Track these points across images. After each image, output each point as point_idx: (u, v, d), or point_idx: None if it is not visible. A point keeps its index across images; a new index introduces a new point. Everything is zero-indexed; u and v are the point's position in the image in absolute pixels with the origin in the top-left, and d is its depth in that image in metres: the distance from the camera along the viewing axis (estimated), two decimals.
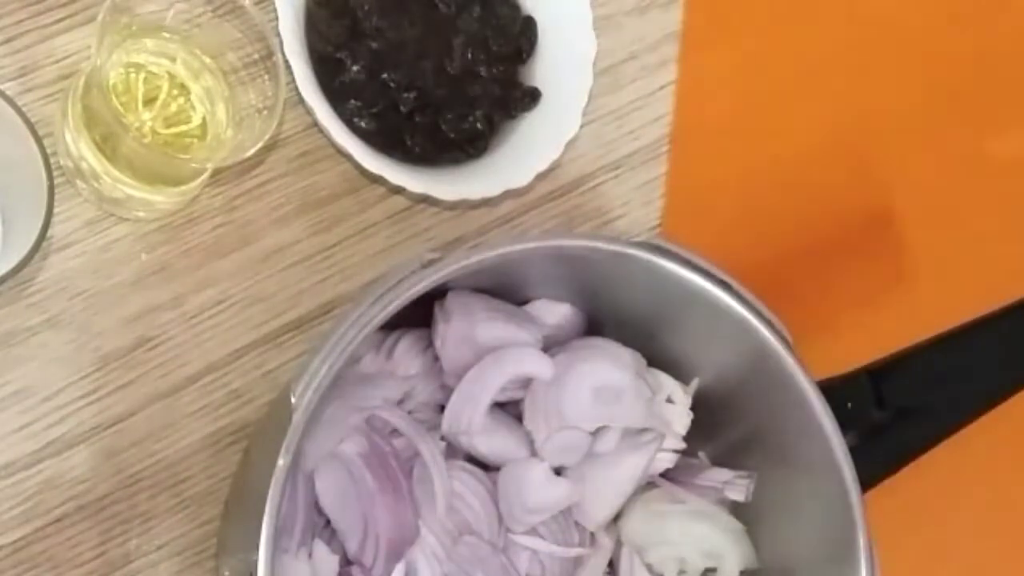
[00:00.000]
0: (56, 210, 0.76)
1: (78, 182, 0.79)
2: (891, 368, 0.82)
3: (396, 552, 0.75)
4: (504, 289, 0.78)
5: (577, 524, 0.79)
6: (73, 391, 0.79)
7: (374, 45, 0.84)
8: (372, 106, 0.84)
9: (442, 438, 0.77)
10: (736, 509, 0.81)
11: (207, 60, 0.79)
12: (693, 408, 0.81)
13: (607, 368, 0.78)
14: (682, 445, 0.81)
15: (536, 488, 0.77)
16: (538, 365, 0.78)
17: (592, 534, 0.80)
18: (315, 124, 0.84)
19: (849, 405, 0.79)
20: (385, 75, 0.84)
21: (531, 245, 0.73)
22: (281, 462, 0.67)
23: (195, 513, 0.80)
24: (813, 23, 0.97)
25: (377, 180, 0.83)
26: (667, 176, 0.92)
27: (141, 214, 0.81)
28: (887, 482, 0.81)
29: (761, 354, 0.75)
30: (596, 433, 0.78)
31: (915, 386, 0.83)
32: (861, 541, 0.73)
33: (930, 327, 0.85)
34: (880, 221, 0.96)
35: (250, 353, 0.82)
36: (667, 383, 0.81)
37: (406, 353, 0.78)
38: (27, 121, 0.74)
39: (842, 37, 0.97)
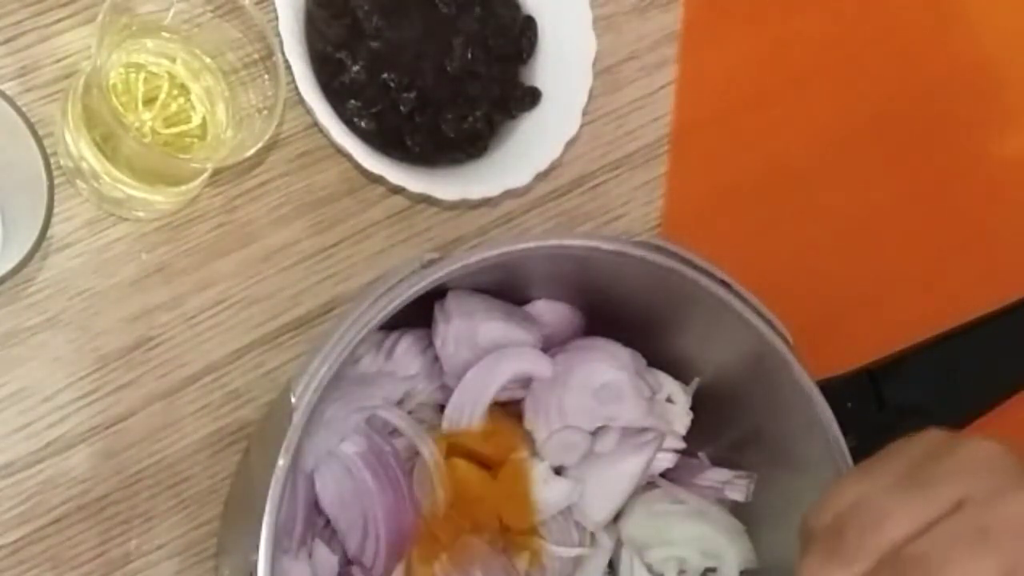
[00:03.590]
0: (56, 210, 0.76)
1: (78, 182, 0.79)
2: (891, 368, 0.82)
3: (396, 552, 0.75)
4: (504, 289, 0.78)
5: (577, 524, 0.79)
6: (73, 391, 0.79)
7: (374, 45, 0.84)
8: (372, 106, 0.84)
9: None
10: (736, 509, 0.81)
11: (207, 60, 0.79)
12: (693, 408, 0.81)
13: (607, 368, 0.78)
14: (682, 445, 0.81)
15: (536, 488, 0.77)
16: (538, 365, 0.78)
17: (592, 534, 0.80)
18: (315, 124, 0.84)
19: (849, 405, 0.79)
20: (385, 75, 0.84)
21: (531, 245, 0.73)
22: (281, 462, 0.67)
23: (195, 513, 0.80)
24: (812, 23, 0.97)
25: (377, 180, 0.83)
26: (667, 176, 0.92)
27: (141, 214, 0.81)
28: None
29: (761, 354, 0.75)
30: (596, 433, 0.78)
31: (915, 386, 0.83)
32: None
33: (930, 327, 0.85)
34: (880, 220, 0.96)
35: (250, 353, 0.82)
36: (667, 383, 0.81)
37: (406, 353, 0.78)
38: (27, 121, 0.74)
39: (841, 37, 0.97)
